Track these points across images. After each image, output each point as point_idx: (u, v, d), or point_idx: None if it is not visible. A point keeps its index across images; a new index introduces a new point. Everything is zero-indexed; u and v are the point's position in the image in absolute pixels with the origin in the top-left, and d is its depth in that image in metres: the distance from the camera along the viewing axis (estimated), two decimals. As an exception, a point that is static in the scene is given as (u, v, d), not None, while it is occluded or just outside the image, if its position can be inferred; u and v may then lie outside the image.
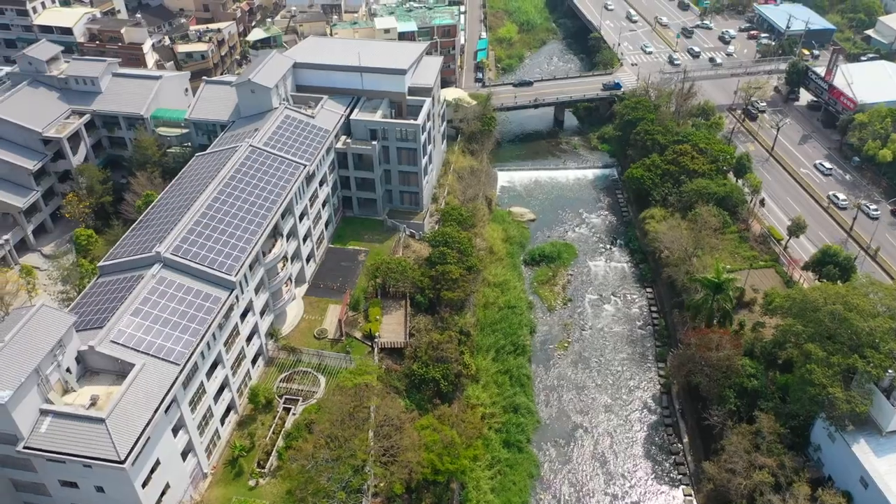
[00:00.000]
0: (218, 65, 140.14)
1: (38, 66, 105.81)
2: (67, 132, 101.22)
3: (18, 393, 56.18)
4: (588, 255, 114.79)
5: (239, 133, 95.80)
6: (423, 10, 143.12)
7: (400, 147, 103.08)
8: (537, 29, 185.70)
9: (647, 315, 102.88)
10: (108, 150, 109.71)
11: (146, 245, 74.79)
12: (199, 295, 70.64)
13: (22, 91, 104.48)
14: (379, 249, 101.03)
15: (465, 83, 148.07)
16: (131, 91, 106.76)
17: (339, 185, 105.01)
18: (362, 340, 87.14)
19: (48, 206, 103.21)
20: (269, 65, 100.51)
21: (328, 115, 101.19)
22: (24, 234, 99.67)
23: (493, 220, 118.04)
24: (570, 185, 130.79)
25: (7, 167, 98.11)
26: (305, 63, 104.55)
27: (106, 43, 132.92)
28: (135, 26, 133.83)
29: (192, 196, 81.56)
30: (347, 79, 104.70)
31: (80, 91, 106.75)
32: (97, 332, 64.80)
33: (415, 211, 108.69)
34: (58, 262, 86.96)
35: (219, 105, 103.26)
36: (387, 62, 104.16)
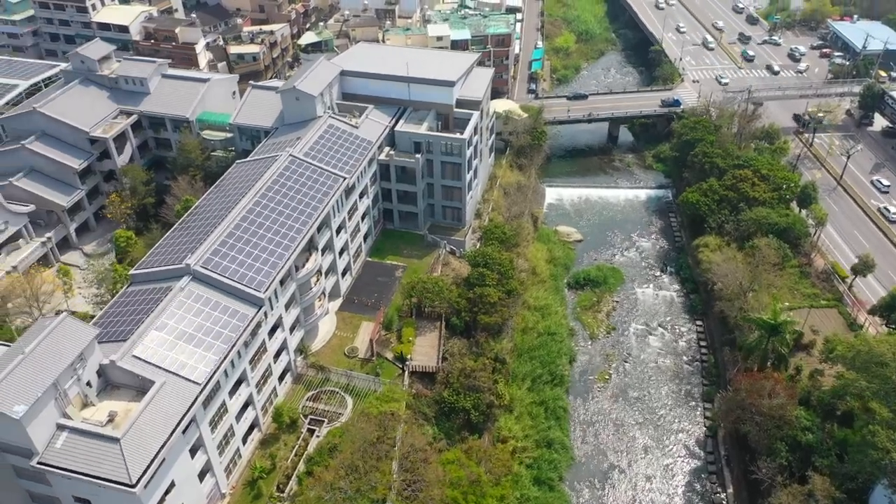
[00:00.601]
0: (269, 67, 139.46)
1: (89, 64, 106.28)
2: (113, 132, 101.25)
3: (35, 407, 54.98)
4: (636, 281, 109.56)
5: (281, 141, 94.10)
6: (479, 17, 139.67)
7: (444, 161, 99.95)
8: (596, 39, 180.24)
9: (696, 350, 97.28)
10: (154, 151, 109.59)
11: (178, 255, 73.39)
12: (227, 311, 68.76)
13: (73, 89, 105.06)
14: (417, 266, 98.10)
15: (518, 94, 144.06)
16: (179, 93, 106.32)
17: (380, 198, 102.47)
18: (393, 362, 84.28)
19: (92, 204, 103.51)
20: (315, 72, 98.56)
21: (372, 126, 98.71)
22: (67, 233, 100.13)
23: (537, 239, 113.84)
24: (620, 206, 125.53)
25: (54, 165, 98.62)
26: (353, 71, 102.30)
27: (160, 42, 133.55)
28: (189, 26, 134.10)
29: (227, 206, 79.98)
30: (394, 88, 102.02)
31: (128, 91, 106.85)
32: (120, 345, 63.47)
33: (457, 227, 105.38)
34: (93, 266, 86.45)
35: (264, 110, 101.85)
36: (435, 73, 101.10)
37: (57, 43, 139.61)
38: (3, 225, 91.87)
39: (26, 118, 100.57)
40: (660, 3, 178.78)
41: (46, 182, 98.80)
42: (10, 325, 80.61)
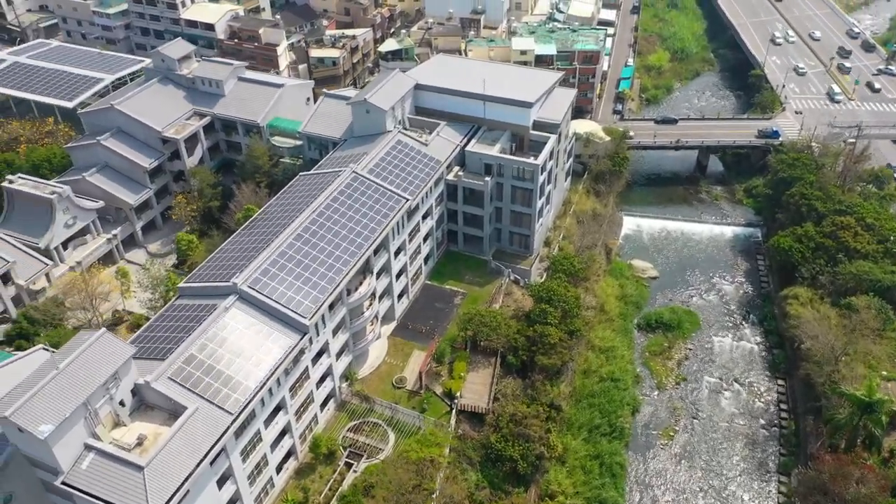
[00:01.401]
0: (348, 72, 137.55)
1: (169, 63, 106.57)
2: (185, 134, 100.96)
3: (62, 427, 53.28)
4: (713, 328, 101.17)
5: (347, 155, 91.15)
6: (567, 32, 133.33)
7: (515, 186, 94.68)
8: (692, 58, 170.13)
9: (774, 414, 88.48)
10: (225, 154, 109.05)
11: (228, 271, 71.15)
12: (269, 336, 65.95)
13: (151, 88, 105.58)
14: (478, 293, 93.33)
15: (602, 114, 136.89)
16: (252, 97, 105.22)
17: (445, 218, 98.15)
18: (442, 398, 79.84)
19: (160, 203, 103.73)
20: (388, 85, 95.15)
21: (442, 144, 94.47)
22: (133, 230, 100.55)
23: (609, 273, 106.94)
24: (703, 242, 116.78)
25: (126, 163, 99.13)
26: (427, 86, 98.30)
27: (244, 41, 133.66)
28: (272, 27, 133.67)
29: (283, 221, 77.42)
30: (469, 105, 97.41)
31: (204, 92, 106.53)
32: (158, 364, 61.52)
33: (523, 255, 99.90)
34: (148, 271, 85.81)
35: (334, 120, 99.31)
36: (513, 91, 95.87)
37: (147, 37, 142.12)
38: (71, 220, 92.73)
39: (104, 114, 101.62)
40: (777, 39, 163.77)
41: (117, 179, 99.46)
42: (65, 323, 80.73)
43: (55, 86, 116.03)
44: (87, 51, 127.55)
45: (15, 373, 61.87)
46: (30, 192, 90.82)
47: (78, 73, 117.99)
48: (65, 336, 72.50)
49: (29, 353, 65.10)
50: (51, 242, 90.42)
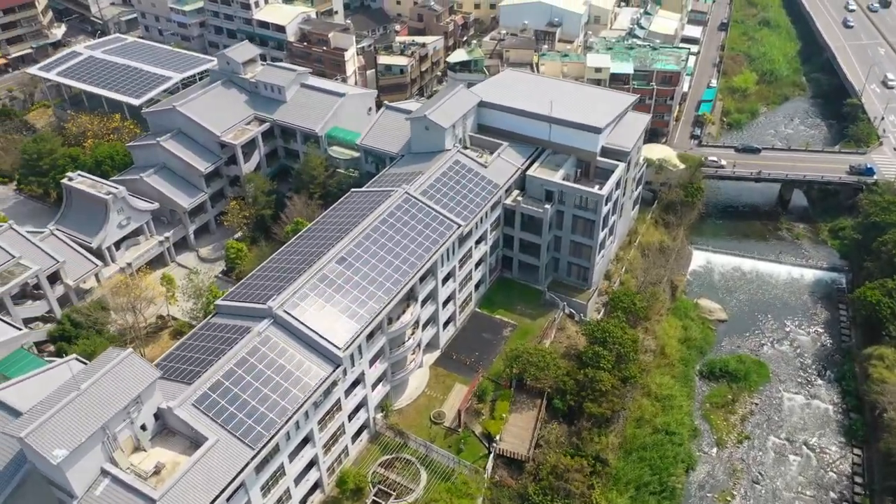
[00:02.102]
0: (416, 80, 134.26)
1: (234, 66, 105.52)
2: (243, 139, 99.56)
3: (77, 452, 51.49)
4: (784, 382, 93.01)
5: (402, 172, 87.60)
6: (647, 49, 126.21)
7: (577, 215, 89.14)
8: (781, 81, 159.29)
9: (848, 488, 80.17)
10: (282, 160, 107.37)
11: (266, 291, 68.55)
12: (300, 366, 62.92)
13: (214, 90, 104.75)
14: (529, 326, 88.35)
15: (678, 139, 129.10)
16: (313, 105, 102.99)
17: (500, 244, 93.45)
18: (480, 438, 75.35)
19: (214, 207, 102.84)
20: (450, 101, 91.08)
21: (503, 167, 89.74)
22: (186, 233, 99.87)
23: (673, 312, 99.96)
24: (780, 284, 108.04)
25: (183, 165, 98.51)
26: (492, 103, 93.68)
27: (313, 45, 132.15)
28: (342, 31, 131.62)
29: (327, 242, 74.36)
30: (534, 127, 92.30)
31: (266, 97, 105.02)
32: (184, 388, 59.33)
33: (581, 287, 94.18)
34: (191, 282, 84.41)
35: (393, 134, 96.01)
36: (582, 114, 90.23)
37: (220, 36, 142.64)
38: (125, 221, 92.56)
39: (166, 115, 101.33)
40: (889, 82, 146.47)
41: (173, 181, 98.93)
42: (108, 327, 79.96)
43: (125, 82, 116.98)
44: (160, 48, 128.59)
45: (45, 382, 60.89)
46: (87, 190, 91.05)
47: (148, 71, 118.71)
48: (100, 345, 71.57)
49: (61, 363, 64.06)
50: (103, 242, 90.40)
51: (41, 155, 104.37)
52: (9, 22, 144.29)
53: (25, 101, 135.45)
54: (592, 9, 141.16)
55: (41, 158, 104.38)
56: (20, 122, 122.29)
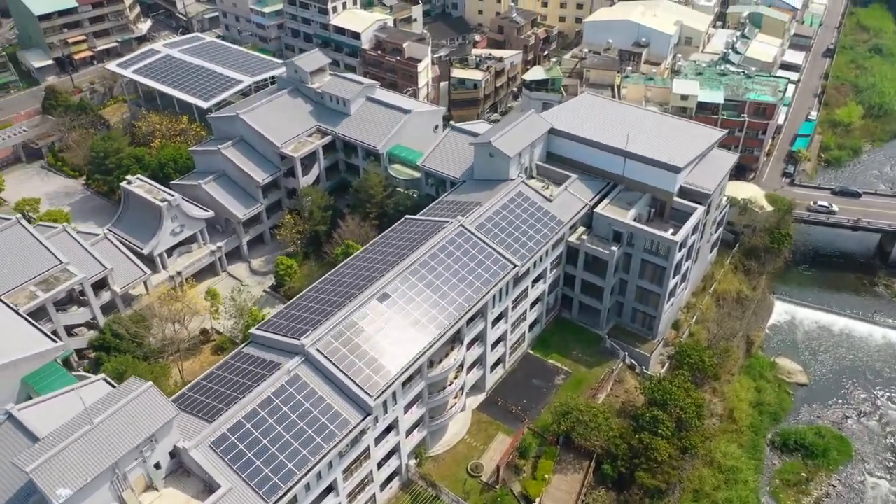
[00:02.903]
0: (490, 96, 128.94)
1: (301, 75, 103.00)
2: (302, 152, 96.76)
3: (83, 492, 48.95)
4: (869, 463, 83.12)
5: (460, 201, 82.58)
6: (740, 77, 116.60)
7: (646, 259, 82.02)
8: (891, 116, 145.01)
9: None
10: (343, 174, 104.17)
11: (302, 324, 64.93)
12: (327, 412, 58.83)
13: (280, 99, 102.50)
14: (584, 375, 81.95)
15: (768, 176, 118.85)
16: (377, 120, 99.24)
17: (561, 282, 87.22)
18: (518, 499, 69.64)
19: (270, 218, 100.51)
20: (518, 127, 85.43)
21: (569, 201, 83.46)
22: (240, 244, 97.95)
23: (746, 371, 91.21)
24: (872, 349, 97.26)
25: (241, 174, 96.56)
26: (563, 132, 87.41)
27: (387, 53, 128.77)
28: (418, 41, 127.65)
29: (373, 273, 70.14)
30: (607, 160, 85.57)
31: (330, 109, 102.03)
32: (204, 426, 56.27)
33: (645, 336, 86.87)
34: (234, 301, 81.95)
35: (456, 156, 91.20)
36: (661, 150, 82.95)
37: (297, 40, 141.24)
38: (179, 228, 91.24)
39: (230, 121, 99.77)
40: None
41: (231, 189, 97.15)
42: (149, 339, 78.09)
43: (197, 83, 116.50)
44: (235, 49, 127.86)
45: (70, 403, 59.02)
46: (143, 195, 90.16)
47: (220, 73, 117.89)
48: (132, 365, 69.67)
49: (87, 383, 62.28)
50: (155, 249, 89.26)
51: (108, 154, 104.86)
52: (97, 16, 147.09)
53: (105, 95, 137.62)
54: (684, 29, 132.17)
55: (108, 157, 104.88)
56: (96, 116, 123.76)
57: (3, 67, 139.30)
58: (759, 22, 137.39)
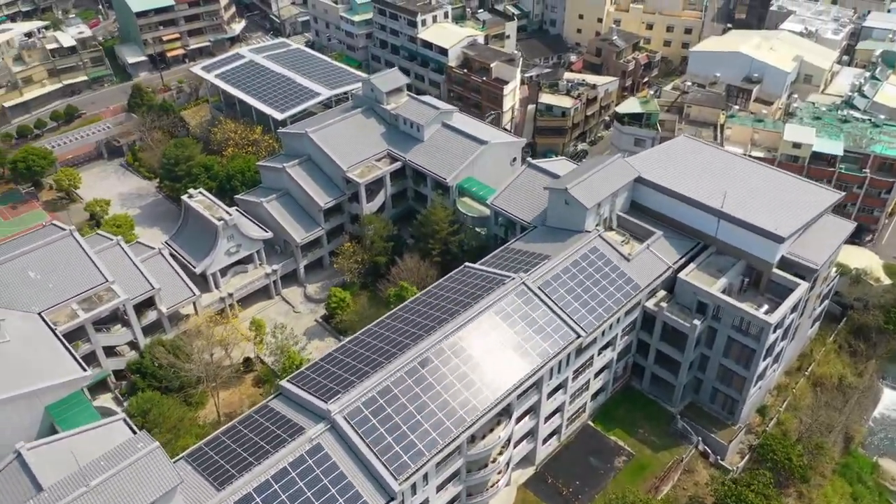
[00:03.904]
0: (577, 125, 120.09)
1: (377, 95, 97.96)
2: (368, 178, 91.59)
3: (66, 563, 45.08)
4: None
5: (527, 251, 75.00)
6: (866, 125, 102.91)
7: (733, 337, 71.96)
8: None
9: None
10: (410, 202, 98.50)
11: (336, 382, 59.36)
12: (346, 492, 52.90)
13: (352, 118, 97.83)
14: (648, 459, 72.95)
15: (888, 241, 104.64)
16: (451, 149, 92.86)
17: (633, 348, 78.26)
18: None
19: (331, 243, 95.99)
20: (600, 174, 76.92)
21: (650, 262, 74.39)
22: (296, 267, 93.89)
23: (841, 471, 79.11)
24: None
25: (304, 196, 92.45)
26: (651, 182, 78.25)
27: (473, 72, 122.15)
28: (507, 62, 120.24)
29: (420, 330, 63.74)
30: (699, 217, 75.91)
31: (403, 133, 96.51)
32: (212, 493, 51.53)
33: (724, 421, 76.73)
34: (275, 339, 77.44)
35: (530, 198, 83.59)
36: (762, 212, 72.58)
37: (384, 50, 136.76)
38: (234, 248, 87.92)
39: (298, 138, 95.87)
40: None
41: (293, 210, 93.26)
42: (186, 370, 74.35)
43: (275, 92, 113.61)
44: (320, 59, 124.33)
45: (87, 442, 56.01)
46: (201, 211, 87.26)
47: (300, 83, 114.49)
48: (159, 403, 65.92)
49: (106, 422, 58.91)
50: (208, 269, 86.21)
51: (178, 160, 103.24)
52: (192, 15, 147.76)
53: (191, 95, 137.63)
54: (804, 66, 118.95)
55: (178, 164, 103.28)
56: (177, 118, 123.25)
57: (99, 61, 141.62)
58: (893, 62, 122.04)
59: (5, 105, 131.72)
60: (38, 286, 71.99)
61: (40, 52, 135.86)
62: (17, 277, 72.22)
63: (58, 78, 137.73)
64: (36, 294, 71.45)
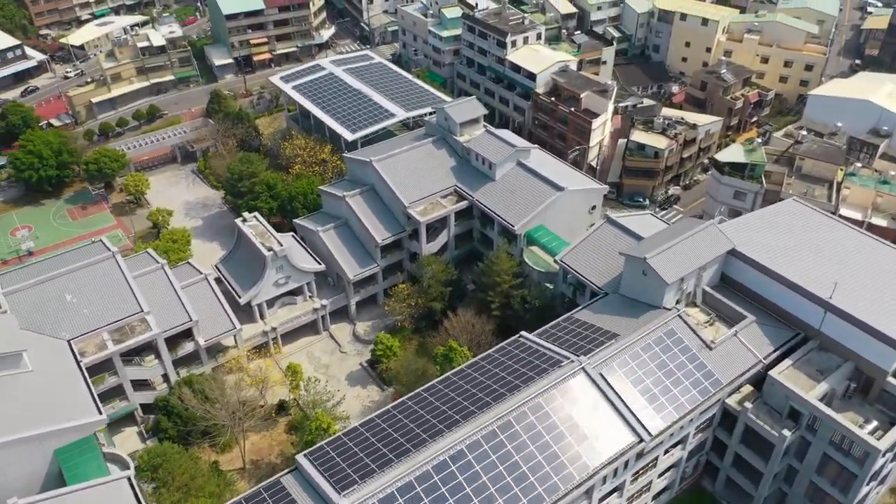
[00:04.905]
0: (670, 168, 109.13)
1: (451, 125, 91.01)
2: (430, 217, 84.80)
3: None
4: None
5: (593, 325, 66.05)
6: None
7: (830, 455, 60.68)
8: None
9: None
10: (475, 245, 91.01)
11: (355, 467, 52.74)
12: None
13: (421, 148, 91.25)
14: (713, 580, 62.70)
15: None
16: (523, 192, 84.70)
17: (707, 445, 67.94)
18: None
19: (387, 279, 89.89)
20: (688, 243, 66.94)
21: (736, 353, 64.02)
22: (348, 304, 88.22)
23: None
24: None
25: (362, 228, 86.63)
26: (748, 258, 67.61)
27: (561, 101, 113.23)
28: (599, 92, 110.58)
29: (457, 414, 56.19)
30: (801, 304, 64.80)
31: (474, 169, 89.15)
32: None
33: (810, 545, 65.40)
34: (308, 392, 71.61)
35: (605, 258, 74.50)
36: (880, 310, 60.95)
37: (470, 69, 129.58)
38: (283, 280, 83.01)
39: (363, 165, 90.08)
40: None
41: (349, 242, 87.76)
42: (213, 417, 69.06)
43: (350, 109, 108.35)
44: (402, 76, 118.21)
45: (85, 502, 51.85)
46: (251, 239, 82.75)
47: (377, 102, 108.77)
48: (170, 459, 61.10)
49: (109, 480, 54.39)
50: (253, 300, 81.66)
51: (242, 176, 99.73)
52: (281, 19, 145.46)
53: (271, 102, 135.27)
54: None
55: (241, 180, 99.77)
56: (251, 127, 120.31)
57: (186, 62, 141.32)
58: None
59: (93, 101, 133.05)
60: (73, 310, 68.99)
61: (131, 50, 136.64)
62: (53, 299, 69.52)
63: (146, 76, 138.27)
64: (69, 319, 68.47)
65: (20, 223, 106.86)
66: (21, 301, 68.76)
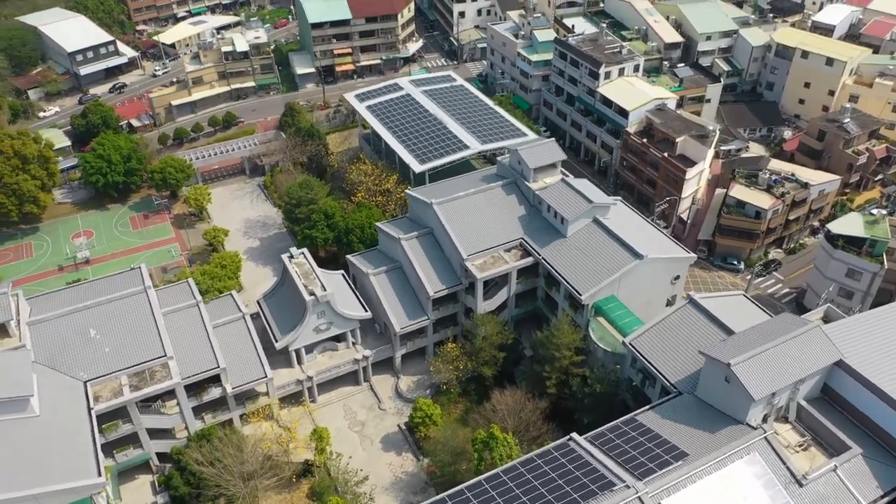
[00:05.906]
0: (774, 229, 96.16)
1: (524, 170, 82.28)
2: (489, 273, 76.27)
3: None
4: None
5: (661, 436, 55.95)
6: None
7: None
8: None
9: None
10: (538, 305, 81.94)
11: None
12: None
13: (489, 193, 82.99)
14: None
15: None
16: (596, 254, 74.84)
17: (786, 592, 56.63)
18: None
19: (438, 332, 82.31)
20: (785, 350, 55.74)
21: (834, 493, 52.61)
22: (393, 356, 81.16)
23: None
24: None
25: (415, 276, 79.32)
26: (857, 373, 55.78)
27: (654, 144, 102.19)
28: (697, 137, 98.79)
29: (482, 539, 47.92)
30: (921, 441, 52.83)
31: (544, 221, 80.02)
32: None
33: None
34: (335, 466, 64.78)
35: (683, 348, 64.07)
36: None
37: (558, 98, 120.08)
38: (325, 325, 76.82)
39: (424, 206, 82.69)
40: None
41: (400, 290, 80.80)
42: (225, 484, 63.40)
43: (422, 136, 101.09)
44: (482, 103, 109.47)
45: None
46: (294, 279, 76.86)
47: (451, 131, 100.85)
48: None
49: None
50: (291, 345, 75.83)
51: (300, 202, 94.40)
52: (367, 30, 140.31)
53: (347, 117, 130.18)
54: None
55: (300, 206, 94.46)
56: (321, 145, 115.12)
57: (268, 69, 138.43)
58: None
59: (173, 103, 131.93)
60: (94, 348, 65.01)
61: (215, 54, 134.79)
62: (77, 334, 65.81)
63: (227, 81, 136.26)
64: (89, 357, 64.50)
65: (83, 227, 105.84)
66: (44, 332, 65.48)
